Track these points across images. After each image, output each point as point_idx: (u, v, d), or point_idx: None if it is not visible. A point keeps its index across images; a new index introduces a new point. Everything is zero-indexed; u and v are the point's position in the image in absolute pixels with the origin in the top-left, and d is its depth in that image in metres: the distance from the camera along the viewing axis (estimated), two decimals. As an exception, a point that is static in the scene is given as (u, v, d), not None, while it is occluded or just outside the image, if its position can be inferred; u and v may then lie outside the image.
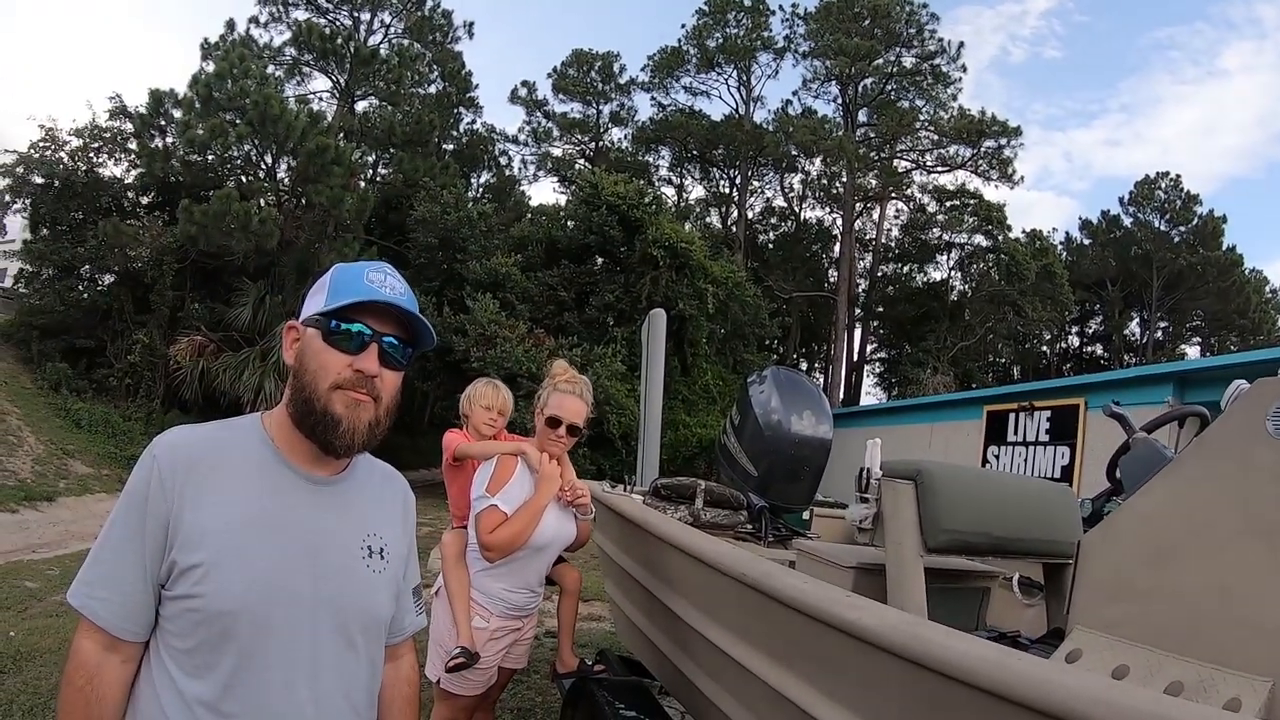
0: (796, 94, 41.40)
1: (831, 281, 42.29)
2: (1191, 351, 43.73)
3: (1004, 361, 44.71)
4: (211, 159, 21.82)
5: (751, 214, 44.73)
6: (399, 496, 1.86)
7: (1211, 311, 42.04)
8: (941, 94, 37.79)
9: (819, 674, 2.11)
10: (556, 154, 44.32)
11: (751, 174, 43.19)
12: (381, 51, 28.01)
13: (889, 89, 38.05)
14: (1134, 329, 44.65)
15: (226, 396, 18.90)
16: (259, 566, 1.52)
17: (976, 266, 40.26)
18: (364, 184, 26.38)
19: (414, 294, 1.71)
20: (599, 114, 44.08)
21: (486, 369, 18.41)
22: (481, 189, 39.03)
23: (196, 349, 19.33)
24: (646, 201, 25.46)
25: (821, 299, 41.22)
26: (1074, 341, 47.59)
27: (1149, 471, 2.49)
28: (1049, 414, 15.64)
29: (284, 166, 22.29)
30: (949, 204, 40.17)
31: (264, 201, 21.68)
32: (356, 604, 1.65)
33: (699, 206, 46.10)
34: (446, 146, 33.99)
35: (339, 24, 29.63)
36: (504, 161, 42.40)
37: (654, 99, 43.17)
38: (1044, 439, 15.65)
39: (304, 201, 21.82)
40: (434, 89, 32.21)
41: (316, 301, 1.64)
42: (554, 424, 3.45)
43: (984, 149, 36.90)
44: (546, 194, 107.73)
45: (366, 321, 1.60)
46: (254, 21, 29.31)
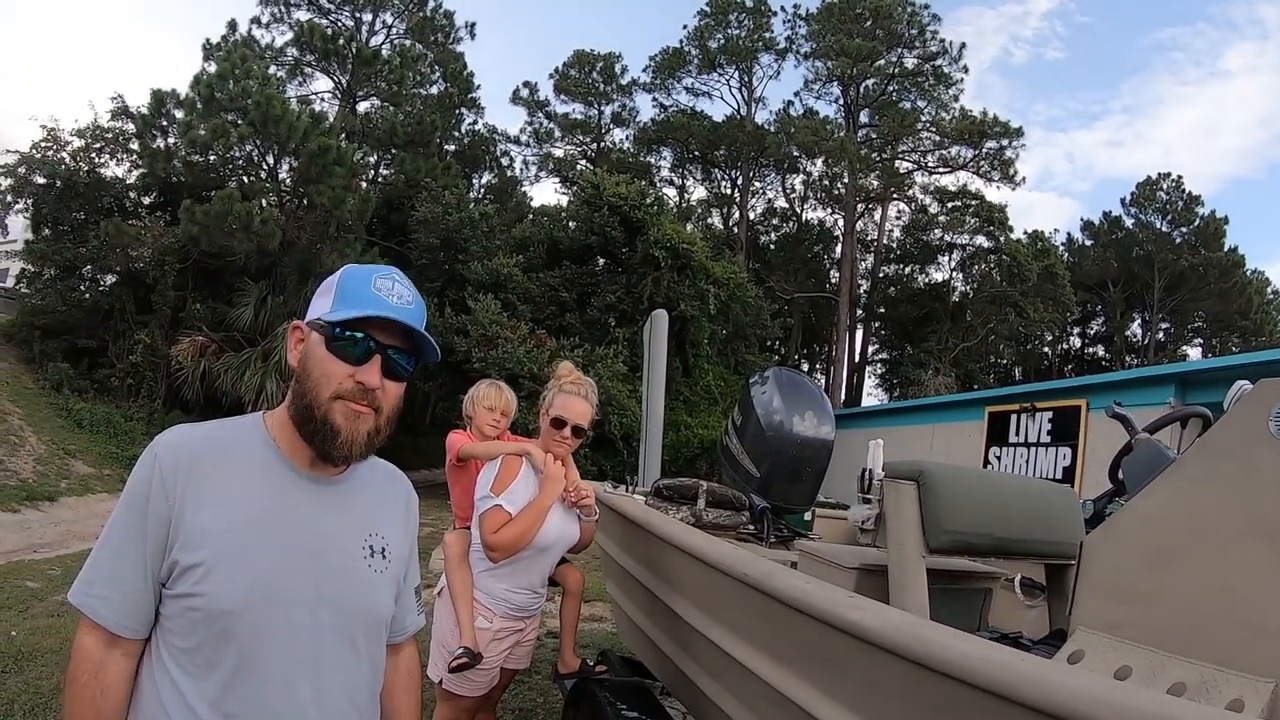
0: (798, 95, 41.34)
1: (833, 282, 42.26)
2: (1193, 353, 43.80)
3: (1005, 362, 44.70)
4: (213, 159, 21.85)
5: (753, 215, 44.80)
6: (401, 496, 1.85)
7: (1213, 312, 42.04)
8: (943, 95, 37.82)
9: (821, 675, 2.11)
10: (558, 155, 44.37)
11: (753, 175, 43.19)
12: (383, 52, 28.03)
13: (891, 90, 38.04)
14: (1136, 330, 44.67)
15: (228, 397, 18.89)
16: (260, 567, 1.52)
17: (978, 267, 40.28)
18: (366, 184, 26.39)
19: (421, 298, 1.70)
20: (600, 115, 44.12)
21: (488, 370, 18.42)
22: (483, 190, 39.08)
23: (198, 349, 19.32)
24: (648, 202, 25.44)
25: (823, 300, 41.20)
26: (1076, 342, 47.60)
27: (1151, 472, 2.49)
28: (1050, 415, 15.63)
29: (286, 167, 22.29)
30: (950, 205, 40.14)
31: (266, 202, 21.64)
32: (358, 604, 1.65)
33: (700, 207, 46.13)
34: (448, 147, 33.97)
35: (341, 25, 29.67)
36: (506, 162, 42.48)
37: (655, 100, 43.29)
38: (1045, 440, 15.63)
39: (306, 202, 21.81)
40: (436, 90, 32.20)
41: (322, 304, 1.63)
42: (559, 425, 3.45)
43: (986, 150, 36.87)
44: (548, 195, 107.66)
45: (371, 332, 1.59)
46: (256, 22, 29.41)
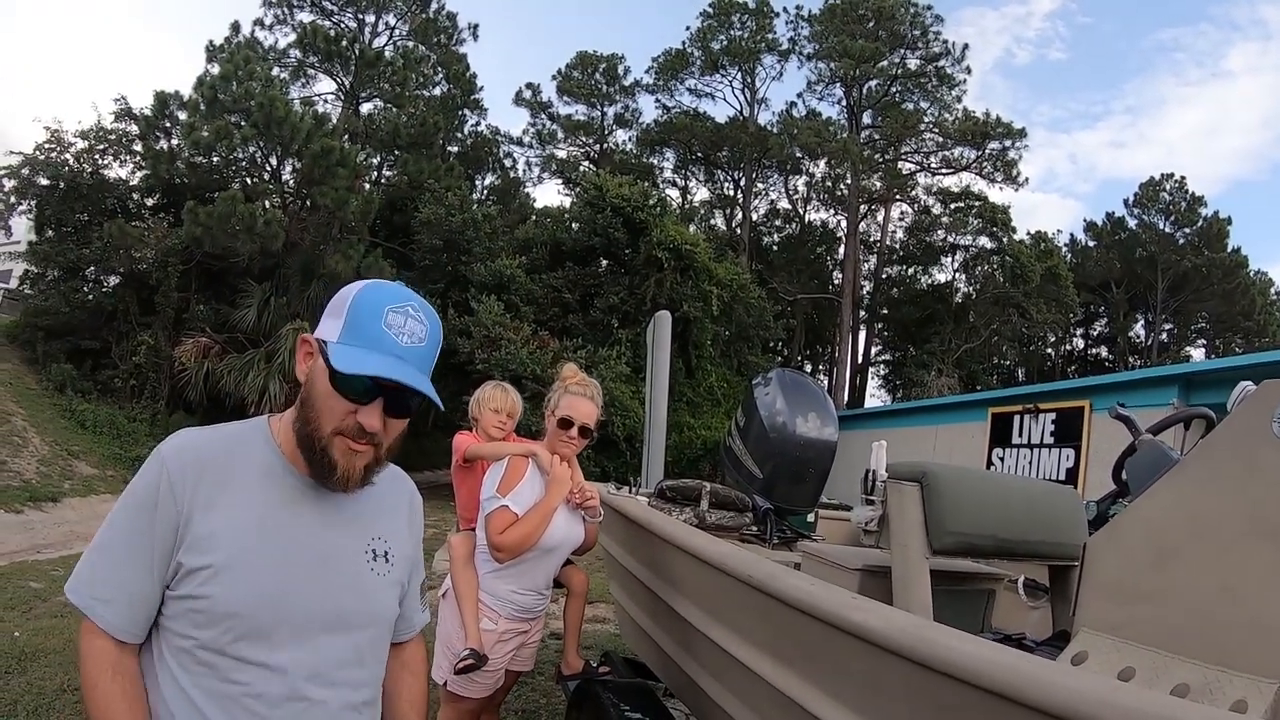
0: (801, 96, 41.34)
1: (836, 284, 42.20)
2: (1196, 354, 43.72)
3: (1009, 364, 44.61)
4: (216, 161, 21.92)
5: (756, 216, 44.73)
6: (405, 498, 1.85)
7: (1216, 313, 41.98)
8: (946, 96, 37.76)
9: (824, 676, 2.11)
10: (561, 156, 44.32)
11: (756, 176, 43.12)
12: (386, 54, 28.05)
13: (893, 91, 37.97)
14: (1139, 331, 44.63)
15: (231, 398, 18.92)
16: (266, 570, 1.52)
17: (981, 268, 40.18)
18: (369, 186, 26.40)
19: (438, 322, 1.66)
20: (603, 116, 44.07)
21: (491, 371, 18.43)
22: (486, 191, 39.05)
23: (201, 350, 19.34)
24: (651, 203, 25.44)
25: (826, 301, 41.17)
26: (1079, 343, 47.56)
27: (1154, 474, 2.48)
28: (1054, 416, 15.63)
29: (289, 168, 22.34)
30: (953, 206, 40.09)
31: (269, 203, 21.66)
32: (361, 608, 1.66)
33: (703, 208, 46.04)
34: (451, 148, 33.92)
35: (344, 26, 29.68)
36: (508, 164, 42.40)
37: (658, 101, 43.20)
38: (1049, 441, 15.63)
39: (309, 203, 21.84)
40: (438, 91, 32.18)
41: (332, 327, 1.58)
42: (566, 425, 3.46)
43: (988, 151, 36.81)
44: (551, 196, 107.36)
45: (368, 376, 1.53)
46: (259, 24, 29.46)
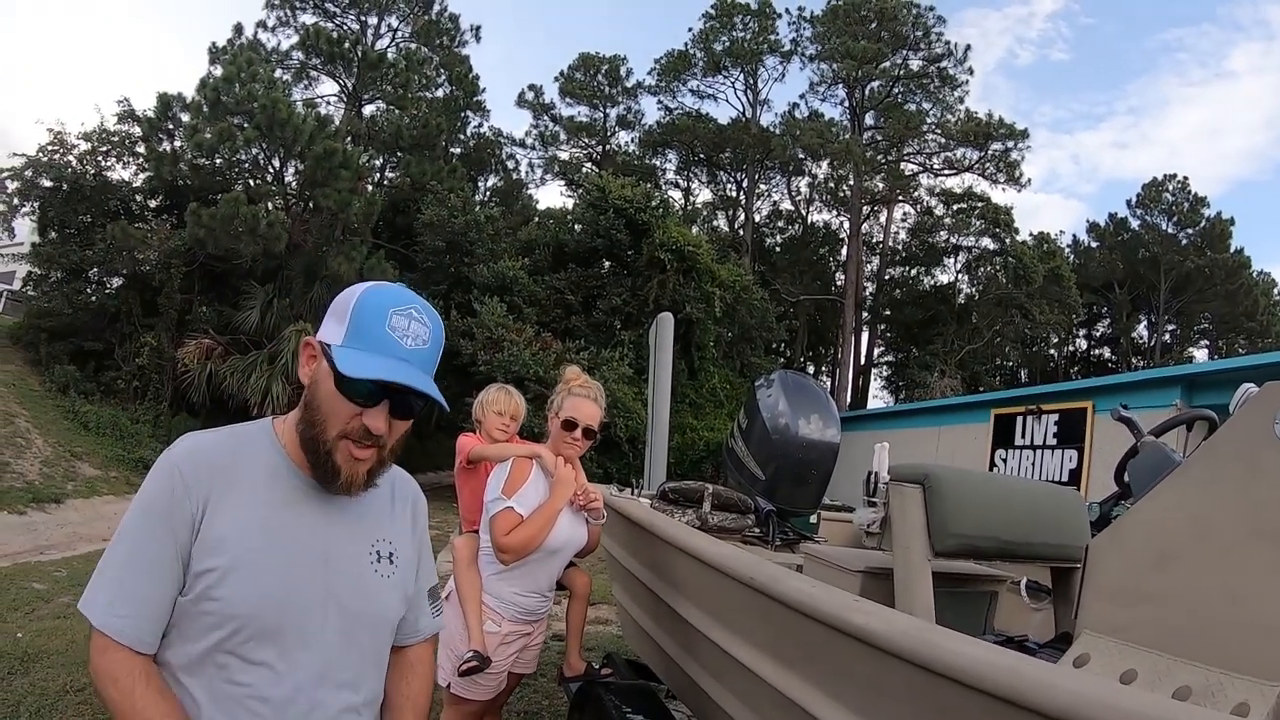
0: (803, 97, 41.28)
1: (839, 285, 42.15)
2: (1199, 354, 43.71)
3: (1011, 364, 44.58)
4: (219, 162, 21.96)
5: (758, 217, 44.73)
6: (409, 500, 1.85)
7: (1219, 314, 41.94)
8: (948, 97, 37.73)
9: (826, 678, 2.11)
10: (563, 157, 44.30)
11: (758, 177, 43.10)
12: (389, 55, 28.01)
13: (896, 92, 37.95)
14: (1142, 332, 44.59)
15: (234, 399, 18.92)
16: (272, 573, 1.53)
17: (984, 269, 40.18)
18: (371, 187, 26.36)
19: (440, 324, 1.67)
20: (606, 117, 44.03)
21: (494, 372, 18.44)
22: (489, 192, 39.09)
23: (204, 352, 19.35)
24: (653, 205, 25.49)
25: (828, 302, 41.14)
26: (1082, 344, 47.53)
27: (1157, 476, 2.48)
28: (1057, 417, 15.62)
29: (292, 170, 22.36)
30: (956, 207, 40.05)
31: (272, 205, 21.69)
32: (365, 609, 1.66)
33: (706, 210, 46.03)
34: (454, 150, 33.94)
35: (346, 28, 29.65)
36: (511, 165, 42.41)
37: (661, 102, 43.19)
38: (1052, 442, 15.62)
39: (312, 205, 21.83)
40: (441, 93, 32.15)
41: (334, 330, 1.58)
42: (570, 427, 3.47)
43: (991, 152, 36.71)
44: (554, 197, 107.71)
45: (374, 379, 1.54)
46: (261, 25, 29.42)
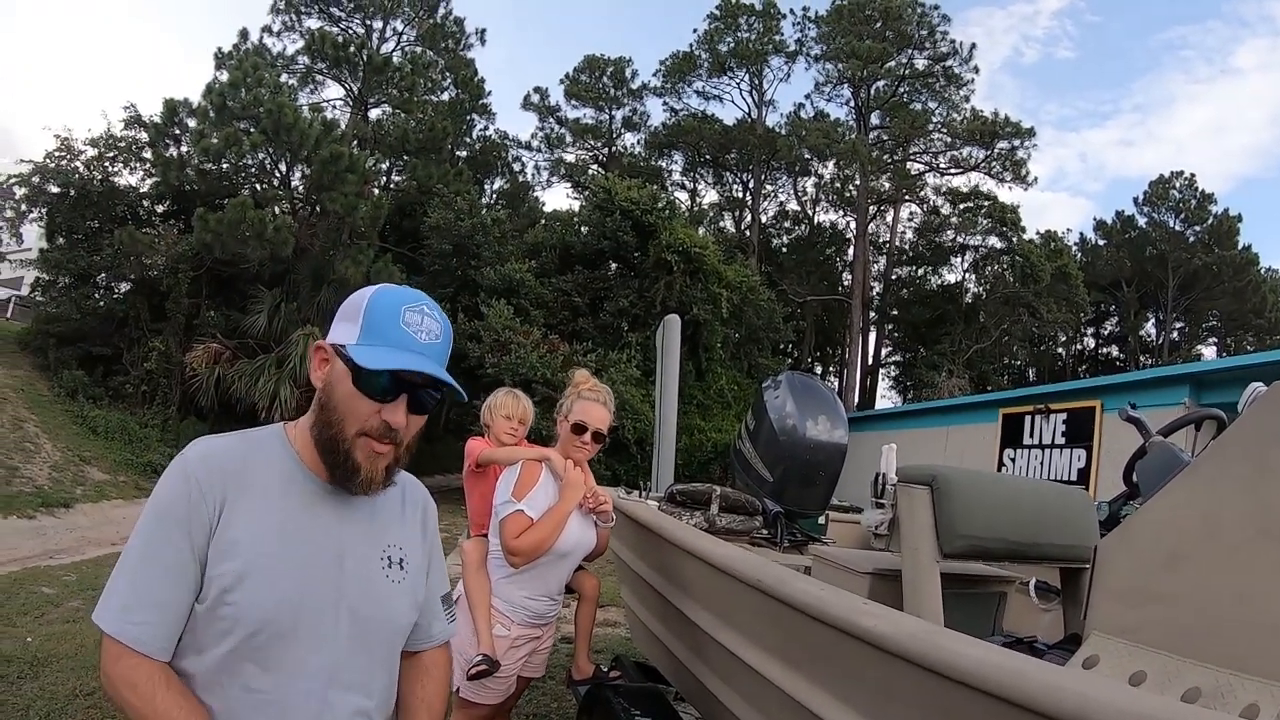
0: (809, 97, 41.24)
1: (845, 285, 42.18)
2: (1208, 352, 43.58)
3: (1019, 364, 44.51)
4: (226, 167, 21.96)
5: (765, 218, 44.63)
6: (419, 505, 1.86)
7: (1227, 311, 41.83)
8: (954, 96, 37.74)
9: (835, 681, 2.11)
10: (569, 160, 44.39)
11: (764, 178, 43.06)
12: (394, 59, 28.00)
13: (901, 91, 37.96)
14: (1149, 330, 44.47)
15: (242, 403, 18.96)
16: (286, 577, 1.53)
17: (991, 268, 40.14)
18: (378, 191, 26.37)
19: (449, 323, 1.69)
20: (611, 119, 44.08)
21: (501, 375, 18.47)
22: (495, 195, 39.08)
23: (212, 356, 19.39)
24: (660, 206, 25.49)
25: (835, 303, 41.13)
26: (1089, 343, 47.45)
27: (1166, 476, 2.48)
28: (1065, 416, 15.59)
29: (298, 174, 22.41)
30: (963, 206, 40.04)
31: (279, 209, 21.73)
32: (377, 614, 1.66)
33: (712, 211, 46.10)
34: (460, 153, 33.94)
35: (352, 32, 29.67)
36: (517, 168, 42.47)
37: (666, 104, 43.18)
38: (1060, 441, 15.59)
39: (318, 209, 21.88)
40: (447, 96, 32.17)
41: (348, 331, 1.61)
42: (579, 430, 3.47)
43: (997, 150, 36.69)
44: (560, 200, 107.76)
45: (395, 370, 1.57)
46: (267, 30, 29.43)
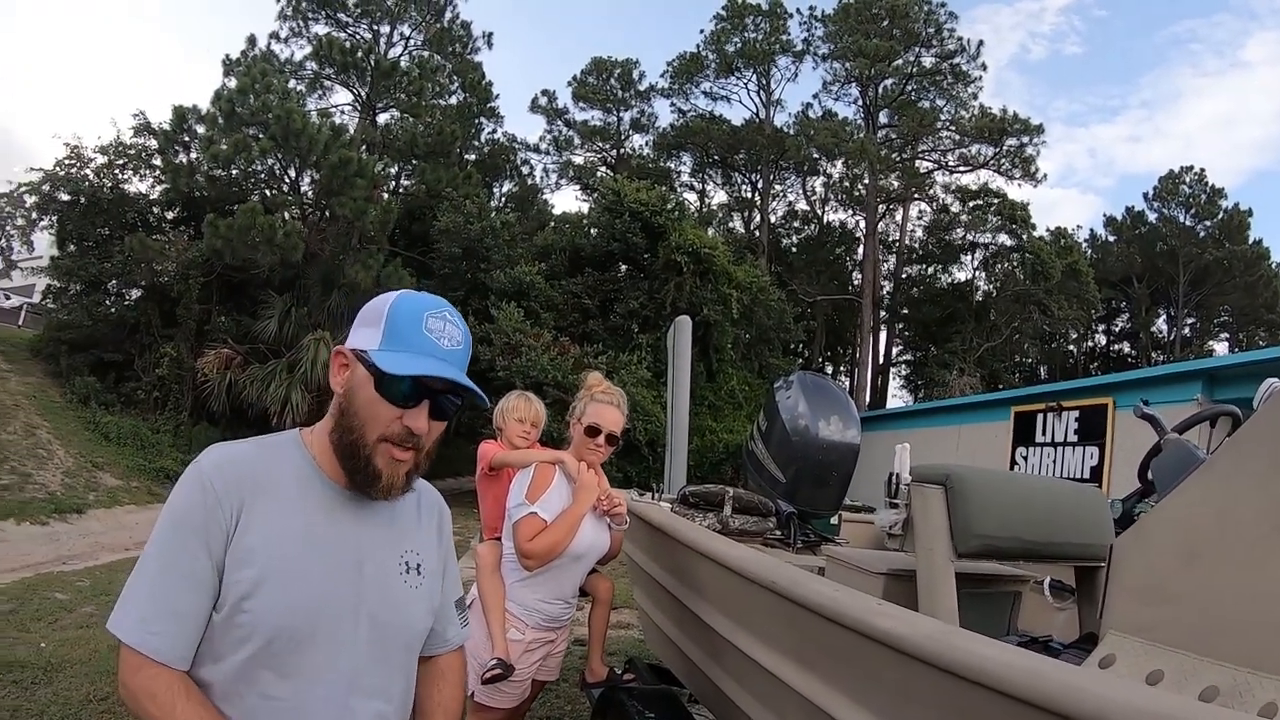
0: (817, 97, 41.28)
1: (856, 284, 42.06)
2: (1219, 348, 43.44)
3: (1031, 361, 44.44)
4: (235, 173, 22.04)
5: (774, 218, 44.67)
6: (434, 511, 1.86)
7: (1239, 306, 41.66)
8: (962, 93, 37.54)
9: (851, 683, 2.09)
10: (578, 162, 44.40)
11: (773, 178, 43.06)
12: (402, 64, 28.07)
13: (909, 89, 37.82)
14: (1161, 326, 44.39)
15: (254, 408, 19.04)
16: (305, 583, 1.52)
17: (1001, 266, 39.98)
18: (387, 195, 26.42)
19: (468, 330, 1.69)
20: (619, 121, 44.12)
21: (512, 378, 18.49)
22: (504, 198, 39.15)
23: (223, 361, 19.47)
24: (669, 208, 25.52)
25: (846, 302, 41.02)
26: (1101, 340, 47.32)
27: (1181, 473, 2.46)
28: (1077, 414, 15.54)
29: (307, 180, 22.44)
30: (972, 204, 39.89)
31: (288, 215, 21.81)
32: (395, 620, 1.66)
33: (721, 211, 46.01)
34: (468, 157, 33.95)
35: (359, 37, 29.72)
36: (526, 170, 42.52)
37: (674, 105, 43.23)
38: (1072, 439, 15.54)
39: (328, 214, 21.92)
40: (455, 100, 32.23)
41: (369, 336, 1.60)
42: (593, 433, 3.47)
43: (1006, 147, 36.48)
44: (569, 202, 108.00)
45: (419, 377, 1.57)
46: (275, 37, 29.49)
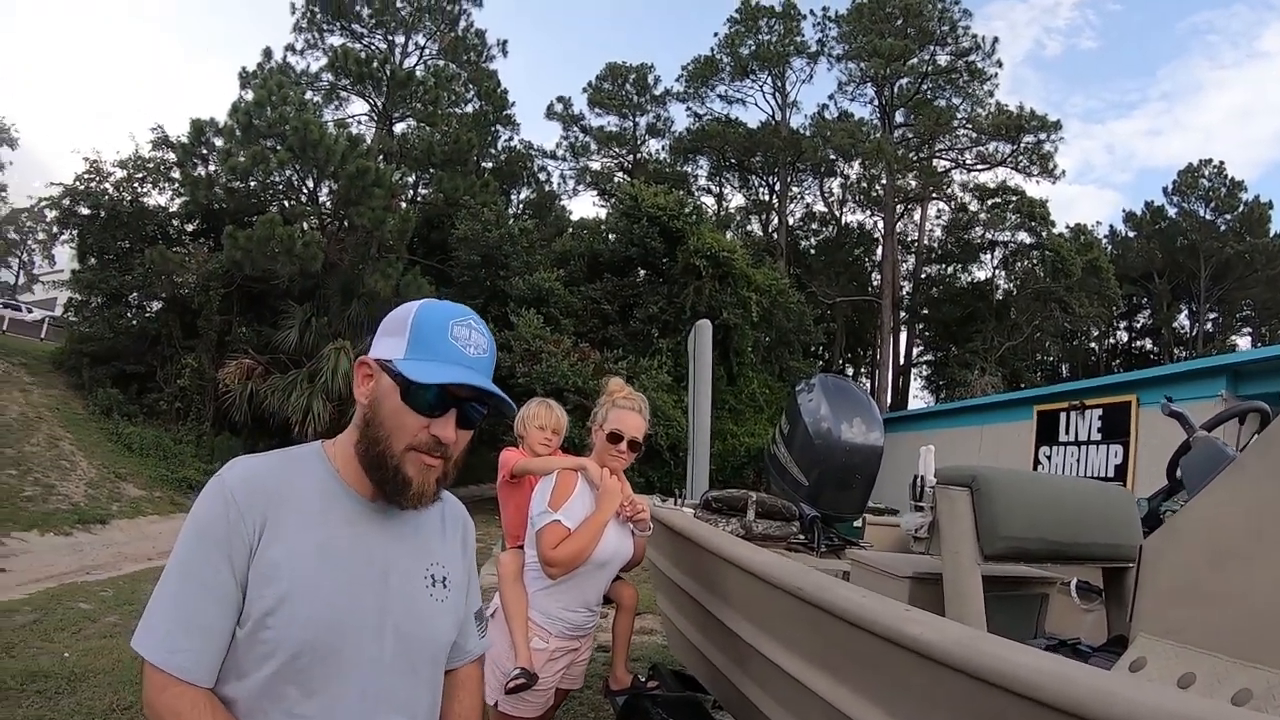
0: (832, 97, 41.31)
1: (875, 285, 42.08)
2: (1242, 342, 43.25)
3: (1052, 359, 44.26)
4: (254, 185, 22.18)
5: (792, 220, 44.70)
6: (459, 523, 1.84)
7: (1261, 300, 41.48)
8: (978, 91, 37.47)
9: (878, 689, 2.07)
10: (595, 168, 44.57)
11: (790, 180, 43.06)
12: (417, 73, 28.27)
13: (925, 88, 37.78)
14: (1183, 321, 44.18)
15: (275, 418, 19.15)
16: (331, 598, 1.51)
17: (1021, 264, 39.86)
18: (405, 204, 26.54)
19: (492, 337, 1.68)
20: (635, 126, 44.29)
21: (533, 384, 18.51)
22: (522, 205, 39.33)
23: (245, 372, 19.60)
24: (686, 212, 25.54)
25: (866, 303, 41.00)
26: (1123, 337, 47.15)
27: (1211, 471, 2.43)
28: (1100, 412, 15.46)
29: (325, 190, 22.57)
30: (990, 202, 39.73)
31: (307, 225, 21.94)
32: (421, 633, 1.64)
33: (739, 214, 46.11)
34: (485, 164, 34.15)
35: (374, 48, 29.93)
36: (543, 177, 42.83)
37: (690, 109, 43.39)
38: (1096, 438, 15.46)
39: (346, 224, 22.05)
40: (471, 108, 32.43)
41: (394, 345, 1.59)
42: (615, 439, 3.43)
43: (1023, 145, 36.38)
44: (586, 208, 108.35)
45: (447, 385, 1.55)
46: (290, 49, 29.82)
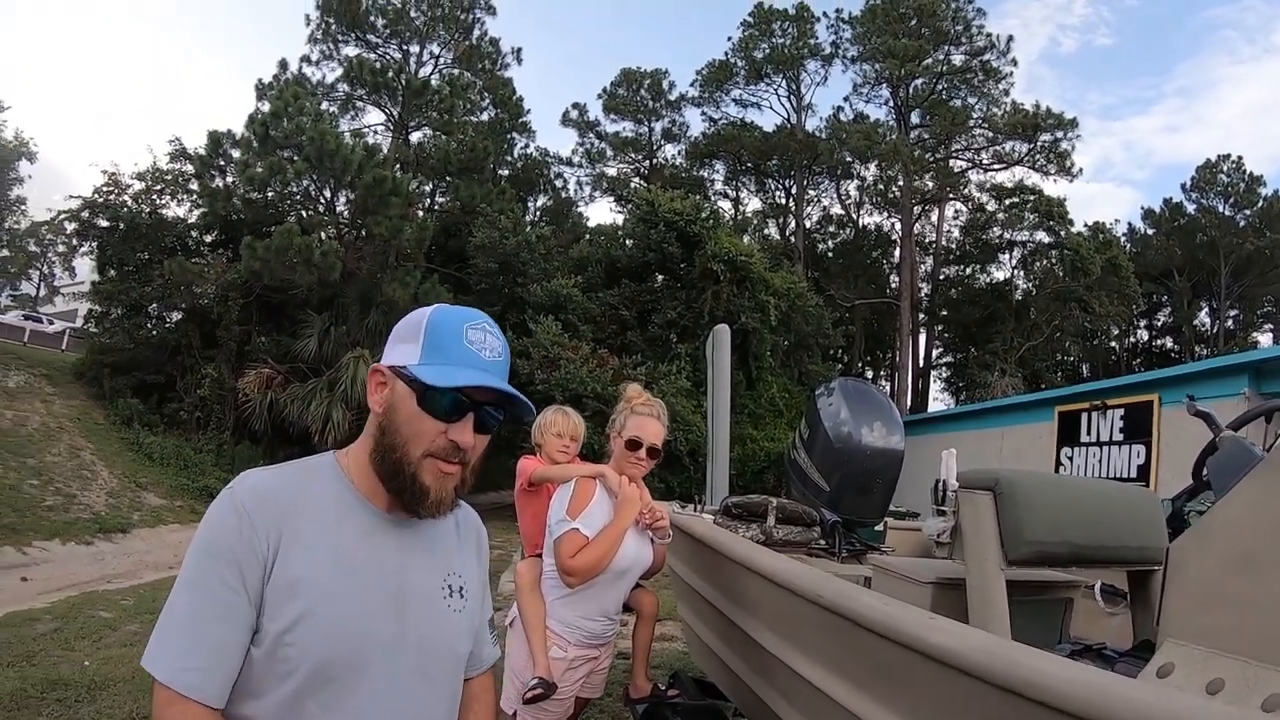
0: (847, 99, 41.26)
1: (893, 287, 42.00)
2: (1264, 339, 42.99)
3: (1072, 359, 44.06)
4: (271, 195, 22.33)
5: (809, 223, 44.70)
6: (474, 533, 1.83)
7: (1282, 296, 41.25)
8: (993, 90, 37.39)
9: (901, 698, 2.05)
10: (611, 174, 44.71)
11: (807, 183, 43.05)
12: (433, 82, 28.39)
13: (940, 88, 37.70)
14: (1204, 319, 43.97)
15: (295, 427, 19.25)
16: (348, 612, 1.48)
17: (1040, 264, 39.65)
18: (422, 213, 26.70)
19: (506, 341, 1.67)
20: (651, 131, 44.37)
21: (552, 391, 18.53)
22: (539, 212, 39.49)
23: (264, 381, 19.70)
24: (703, 216, 25.54)
25: (884, 305, 40.93)
26: (1143, 335, 46.95)
27: (1238, 472, 2.39)
28: (1122, 412, 15.35)
29: (343, 200, 22.70)
30: (1008, 201, 39.56)
31: (325, 235, 22.09)
32: (439, 644, 1.63)
33: (756, 218, 46.17)
34: (502, 172, 34.27)
35: (389, 58, 30.08)
36: (559, 184, 43.01)
37: (705, 113, 43.46)
38: (1118, 438, 15.35)
39: (364, 233, 22.17)
40: (486, 116, 32.56)
41: (407, 352, 1.57)
42: (634, 446, 3.40)
43: (1040, 143, 36.27)
44: (603, 214, 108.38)
45: (464, 388, 1.54)
46: (306, 60, 29.97)
